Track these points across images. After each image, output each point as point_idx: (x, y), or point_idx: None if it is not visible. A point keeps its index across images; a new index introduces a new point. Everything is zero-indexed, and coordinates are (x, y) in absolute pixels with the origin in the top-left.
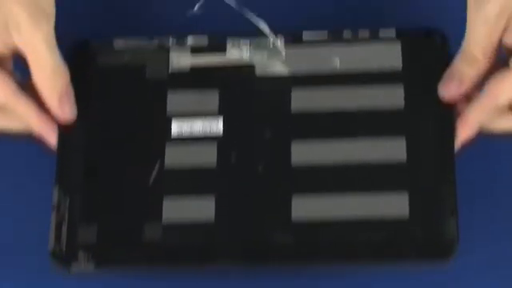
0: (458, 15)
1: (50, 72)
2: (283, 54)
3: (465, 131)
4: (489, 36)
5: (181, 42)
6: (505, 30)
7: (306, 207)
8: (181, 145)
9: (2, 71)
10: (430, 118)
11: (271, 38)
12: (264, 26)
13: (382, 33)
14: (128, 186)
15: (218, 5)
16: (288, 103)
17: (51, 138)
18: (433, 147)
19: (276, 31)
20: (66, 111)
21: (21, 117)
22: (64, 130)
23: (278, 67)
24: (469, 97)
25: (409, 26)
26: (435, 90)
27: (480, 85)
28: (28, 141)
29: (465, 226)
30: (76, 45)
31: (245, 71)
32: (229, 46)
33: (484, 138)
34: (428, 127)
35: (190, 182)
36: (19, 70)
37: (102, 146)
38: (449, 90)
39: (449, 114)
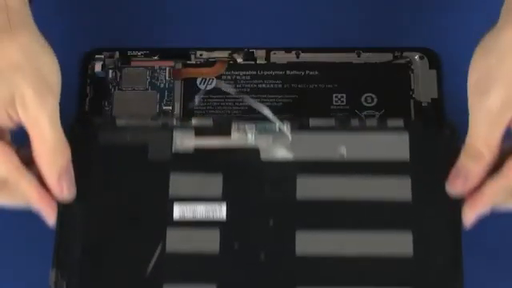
0: (455, 34)
1: (51, 149)
2: (289, 139)
3: (478, 207)
4: (493, 129)
5: (185, 122)
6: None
7: None
8: (183, 229)
9: (5, 145)
10: (437, 211)
11: (277, 123)
12: (268, 112)
13: (390, 122)
14: (127, 270)
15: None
16: (293, 190)
17: (50, 216)
18: (440, 242)
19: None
20: (65, 190)
21: (22, 192)
22: (64, 209)
23: (283, 152)
24: None
25: (410, 45)
26: (443, 183)
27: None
28: (28, 217)
29: None
30: (78, 121)
31: (249, 155)
32: (233, 129)
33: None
34: (436, 221)
35: (192, 267)
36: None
37: (101, 227)
38: (455, 187)
39: (457, 207)
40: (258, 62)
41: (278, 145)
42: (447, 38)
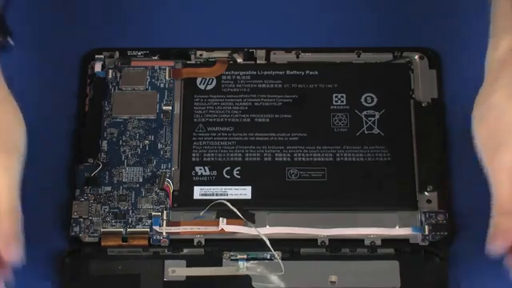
0: (455, 34)
1: (3, 213)
2: (281, 267)
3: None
4: None
5: (176, 251)
6: None
7: None
8: None
9: None
10: None
11: (269, 252)
12: (265, 239)
13: (381, 250)
14: None
15: None
16: None
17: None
18: None
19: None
20: (13, 254)
21: None
22: None
23: (275, 281)
24: None
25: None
26: None
27: None
28: None
29: None
30: (69, 251)
31: (241, 283)
32: (225, 258)
33: None
34: None
35: None
36: None
37: None
38: (496, 247)
39: None
40: (257, 61)
41: (270, 273)
42: (447, 38)
